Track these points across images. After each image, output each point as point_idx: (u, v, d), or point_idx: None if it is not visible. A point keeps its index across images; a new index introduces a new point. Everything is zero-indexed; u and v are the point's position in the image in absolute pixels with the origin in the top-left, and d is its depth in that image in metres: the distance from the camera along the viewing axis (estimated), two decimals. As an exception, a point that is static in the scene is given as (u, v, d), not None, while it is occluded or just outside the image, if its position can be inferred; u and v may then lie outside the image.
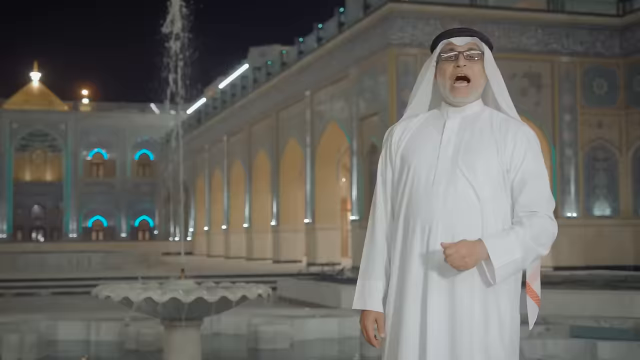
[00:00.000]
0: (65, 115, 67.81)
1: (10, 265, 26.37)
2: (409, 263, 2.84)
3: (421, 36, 23.58)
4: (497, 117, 2.96)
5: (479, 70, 2.94)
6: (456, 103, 2.96)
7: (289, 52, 33.08)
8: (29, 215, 68.83)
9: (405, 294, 2.84)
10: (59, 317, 10.43)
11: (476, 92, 2.96)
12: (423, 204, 2.84)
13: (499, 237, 2.73)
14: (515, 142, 2.88)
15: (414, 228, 2.85)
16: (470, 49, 2.93)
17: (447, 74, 2.93)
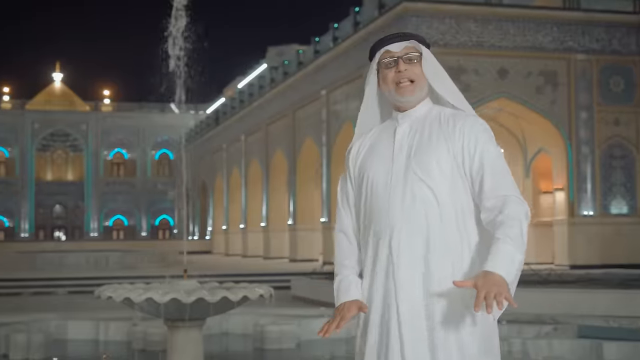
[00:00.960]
0: (86, 115, 68.29)
1: (29, 264, 26.61)
2: (377, 269, 2.85)
3: (436, 35, 23.55)
4: (445, 113, 2.95)
5: (420, 71, 2.95)
6: (404, 103, 2.96)
7: (306, 52, 33.12)
8: (51, 214, 69.38)
9: (372, 304, 2.85)
10: (70, 316, 10.51)
11: (421, 91, 2.96)
12: (382, 210, 2.85)
13: (496, 255, 2.67)
14: (463, 133, 2.87)
15: (378, 235, 2.86)
16: (408, 52, 2.94)
17: (389, 80, 2.95)
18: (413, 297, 2.77)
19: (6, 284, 21.08)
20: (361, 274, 2.97)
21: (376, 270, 2.86)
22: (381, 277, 2.84)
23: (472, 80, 23.75)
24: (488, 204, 2.80)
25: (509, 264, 2.65)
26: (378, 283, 2.84)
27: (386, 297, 2.81)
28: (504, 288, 2.55)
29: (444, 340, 2.73)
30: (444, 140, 2.87)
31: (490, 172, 2.82)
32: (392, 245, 2.81)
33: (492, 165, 2.83)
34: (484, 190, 2.81)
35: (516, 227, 2.72)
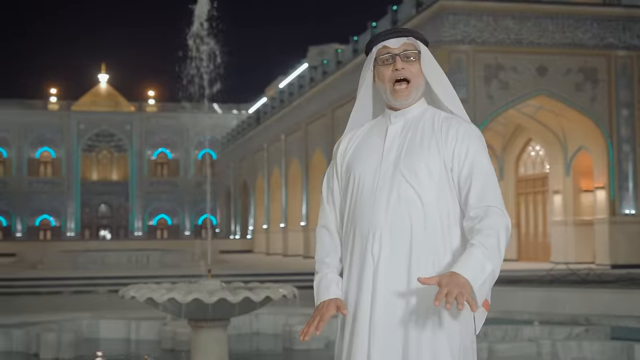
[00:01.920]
0: (130, 115, 69.04)
1: (72, 263, 26.97)
2: (358, 269, 2.82)
3: (473, 33, 23.38)
4: (439, 117, 2.90)
5: (418, 70, 2.89)
6: (398, 105, 2.91)
7: (345, 51, 33.11)
8: (96, 214, 70.27)
9: (355, 306, 2.81)
10: (102, 315, 10.64)
11: (417, 91, 2.90)
12: (367, 210, 2.80)
13: (467, 259, 2.62)
14: (456, 139, 2.82)
15: (361, 235, 2.81)
16: (406, 49, 2.89)
17: (386, 78, 2.89)
18: (390, 302, 2.73)
19: (48, 283, 21.41)
20: (342, 273, 2.93)
21: (357, 270, 2.82)
22: (362, 277, 2.80)
23: (510, 78, 23.54)
24: (472, 213, 2.75)
25: (478, 270, 2.59)
26: (359, 284, 2.80)
27: (363, 298, 2.77)
28: (466, 290, 2.50)
29: (417, 346, 2.69)
30: (435, 144, 2.82)
31: (478, 182, 2.77)
32: (374, 247, 2.76)
33: (481, 175, 2.78)
34: (470, 199, 2.76)
35: (493, 237, 2.66)
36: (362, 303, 2.77)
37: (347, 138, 3.04)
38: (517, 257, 28.45)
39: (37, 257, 28.71)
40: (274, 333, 10.24)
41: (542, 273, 16.35)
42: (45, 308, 15.32)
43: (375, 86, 3.00)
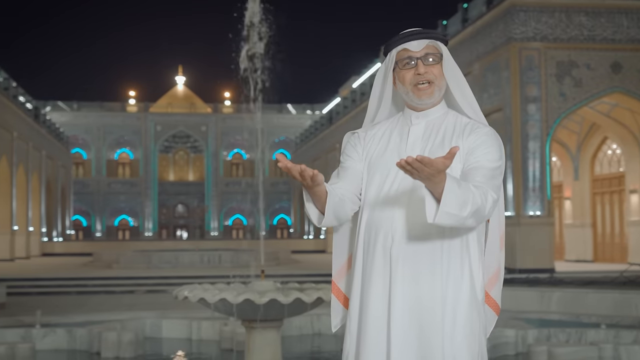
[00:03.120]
0: (205, 117, 69.90)
1: (146, 263, 27.44)
2: (371, 273, 2.76)
3: (545, 29, 22.97)
4: (461, 122, 2.85)
5: (439, 73, 2.83)
6: (421, 105, 2.85)
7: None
8: (173, 214, 71.35)
9: (366, 306, 2.76)
10: (165, 315, 10.78)
11: (439, 91, 2.85)
12: (387, 212, 2.75)
13: (458, 186, 2.51)
14: (471, 142, 2.78)
15: (377, 237, 2.76)
16: (428, 52, 2.82)
17: (407, 81, 2.83)
18: (409, 305, 2.68)
19: (122, 282, 21.80)
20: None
21: (371, 271, 2.76)
22: (375, 279, 2.75)
23: (583, 75, 23.03)
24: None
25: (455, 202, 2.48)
26: (373, 285, 2.75)
27: (375, 298, 2.73)
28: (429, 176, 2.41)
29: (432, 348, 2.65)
30: (460, 144, 2.78)
31: (480, 173, 2.71)
32: (392, 249, 2.72)
33: (485, 172, 2.71)
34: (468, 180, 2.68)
35: (480, 196, 2.57)
36: (374, 305, 2.72)
37: (365, 133, 2.98)
38: (593, 259, 27.84)
39: (112, 257, 29.27)
40: (336, 334, 10.18)
41: (616, 274, 15.98)
42: (117, 307, 15.61)
43: (394, 88, 2.93)
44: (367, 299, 2.75)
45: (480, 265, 2.77)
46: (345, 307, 2.95)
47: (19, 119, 39.68)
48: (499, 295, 2.89)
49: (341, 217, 2.82)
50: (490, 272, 2.85)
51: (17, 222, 38.47)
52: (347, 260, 2.98)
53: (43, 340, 9.12)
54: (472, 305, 2.71)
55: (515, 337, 8.83)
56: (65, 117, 66.67)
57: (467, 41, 26.19)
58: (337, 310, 2.98)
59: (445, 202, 2.48)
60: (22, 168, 40.59)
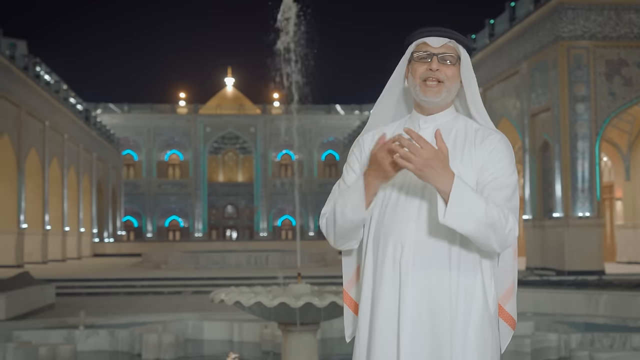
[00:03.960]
0: (254, 118, 70.22)
1: (194, 264, 27.63)
2: (381, 284, 2.68)
3: (593, 27, 22.62)
4: (472, 128, 2.78)
5: (453, 74, 2.75)
6: (426, 103, 2.78)
7: (463, 50, 32.65)
8: (223, 214, 71.79)
9: (376, 317, 2.69)
10: (207, 317, 10.82)
11: (448, 93, 2.77)
12: (396, 222, 2.68)
13: (470, 190, 2.51)
14: (490, 151, 2.70)
15: (385, 248, 2.68)
16: (445, 52, 2.75)
17: (417, 74, 2.76)
18: (420, 317, 2.61)
19: (170, 283, 21.99)
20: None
21: (380, 283, 2.69)
22: (383, 291, 2.68)
23: (634, 73, 22.64)
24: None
25: (473, 198, 2.48)
26: (383, 296, 2.67)
27: (384, 312, 2.66)
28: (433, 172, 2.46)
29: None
30: (468, 154, 2.71)
31: (496, 193, 2.64)
32: (402, 260, 2.64)
33: (500, 189, 2.65)
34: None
35: (497, 212, 2.53)
36: (383, 316, 2.65)
37: (371, 136, 2.89)
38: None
39: (161, 258, 29.55)
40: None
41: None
42: (163, 308, 15.76)
43: (405, 82, 2.87)
44: (377, 310, 2.68)
45: (492, 278, 2.70)
46: (357, 316, 2.88)
47: (69, 121, 40.29)
48: (514, 309, 2.81)
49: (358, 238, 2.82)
50: (505, 285, 2.79)
51: (68, 223, 39.09)
52: (356, 269, 2.92)
53: (86, 341, 9.23)
54: (485, 318, 2.64)
55: (557, 342, 8.70)
56: (117, 119, 67.56)
57: (514, 40, 25.93)
58: (350, 319, 2.92)
59: (453, 199, 2.46)
60: (73, 170, 41.22)
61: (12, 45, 30.49)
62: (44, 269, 28.53)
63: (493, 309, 2.68)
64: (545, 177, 24.16)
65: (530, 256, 24.89)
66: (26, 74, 31.93)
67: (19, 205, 30.84)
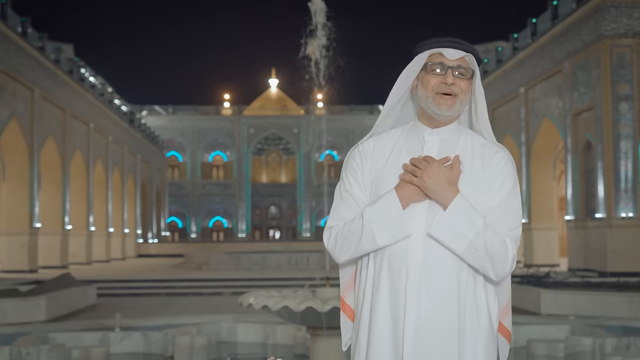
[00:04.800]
0: (297, 119, 70.40)
1: (235, 265, 27.76)
2: (383, 300, 2.61)
3: (637, 25, 22.28)
4: (478, 143, 2.71)
5: (466, 87, 2.67)
6: (438, 117, 2.70)
7: (505, 49, 32.38)
8: (266, 215, 72.07)
9: (373, 338, 2.63)
10: (241, 319, 10.84)
11: (460, 107, 2.69)
12: (400, 243, 2.59)
13: (470, 207, 2.52)
14: (491, 170, 2.64)
15: (391, 264, 2.61)
16: (460, 65, 2.68)
17: (430, 86, 2.68)
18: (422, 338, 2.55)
19: (210, 284, 22.10)
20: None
21: (383, 299, 2.61)
22: (388, 301, 2.60)
23: (679, 72, 22.26)
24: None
25: (469, 216, 2.49)
26: (383, 314, 2.60)
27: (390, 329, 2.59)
28: (436, 185, 2.52)
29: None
30: (474, 172, 2.64)
31: (500, 217, 2.58)
32: (408, 285, 2.56)
33: (505, 213, 2.59)
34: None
35: (498, 241, 2.52)
36: (383, 332, 2.59)
37: (371, 146, 2.81)
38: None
39: (203, 259, 29.72)
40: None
41: None
42: (203, 309, 15.85)
43: (413, 91, 2.80)
44: (376, 325, 2.62)
45: (495, 296, 2.67)
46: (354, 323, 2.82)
47: (114, 123, 40.76)
48: (510, 323, 2.78)
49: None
50: (502, 301, 2.75)
51: (112, 224, 39.55)
52: (353, 275, 2.84)
53: (120, 343, 9.30)
54: (490, 338, 2.62)
55: (592, 346, 8.57)
56: (162, 121, 68.23)
57: (556, 39, 25.64)
58: (347, 327, 2.84)
59: (449, 213, 2.48)
60: (118, 171, 41.69)
61: (57, 49, 30.94)
62: (88, 270, 28.91)
63: (495, 326, 2.66)
64: (588, 178, 23.85)
65: (572, 257, 24.59)
66: (71, 77, 32.37)
67: (64, 206, 31.28)
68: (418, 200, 2.58)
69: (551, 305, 13.64)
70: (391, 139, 2.80)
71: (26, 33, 26.66)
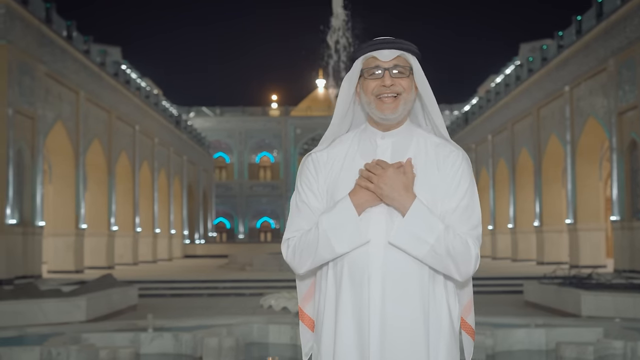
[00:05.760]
0: (343, 119, 70.34)
1: (278, 266, 27.76)
2: (346, 304, 2.58)
3: (683, 22, 21.85)
4: (431, 143, 2.69)
5: (407, 85, 2.65)
6: (383, 120, 2.67)
7: (550, 47, 31.99)
8: (313, 217, 72.16)
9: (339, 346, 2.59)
10: (272, 320, 10.86)
11: (405, 106, 2.66)
12: (358, 249, 2.57)
13: (428, 211, 2.51)
14: (447, 171, 2.63)
15: (352, 270, 2.58)
16: (397, 64, 2.65)
17: (370, 91, 2.66)
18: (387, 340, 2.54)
19: (252, 285, 22.19)
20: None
21: (346, 303, 2.58)
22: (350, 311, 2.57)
23: None
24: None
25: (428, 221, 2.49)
26: (347, 318, 2.58)
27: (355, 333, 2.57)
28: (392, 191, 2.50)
29: None
30: (429, 174, 2.62)
31: (460, 217, 2.59)
32: (371, 292, 2.54)
33: (464, 212, 2.60)
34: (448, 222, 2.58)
35: (458, 245, 2.51)
36: (348, 336, 2.57)
37: (324, 155, 2.76)
38: None
39: (246, 260, 29.85)
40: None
41: None
42: (243, 310, 15.94)
43: (357, 98, 2.78)
44: (341, 334, 2.59)
45: (455, 295, 2.66)
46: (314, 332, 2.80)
47: (159, 125, 41.16)
48: (473, 320, 2.76)
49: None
50: (465, 299, 2.73)
51: (158, 225, 39.94)
52: (312, 285, 2.81)
53: (151, 344, 9.38)
54: (452, 337, 2.60)
55: (623, 349, 8.41)
56: (209, 122, 68.74)
57: (601, 37, 25.26)
58: (307, 337, 2.82)
59: (407, 220, 2.47)
60: (164, 173, 42.08)
61: (102, 52, 31.35)
62: (134, 270, 29.25)
63: (457, 327, 2.65)
64: (634, 177, 23.43)
65: (618, 258, 24.19)
66: (116, 80, 32.78)
67: (110, 208, 31.69)
68: (373, 205, 2.56)
69: (592, 307, 13.46)
70: (344, 145, 2.77)
71: (71, 37, 27.06)
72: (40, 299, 13.66)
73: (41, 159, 24.18)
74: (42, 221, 24.23)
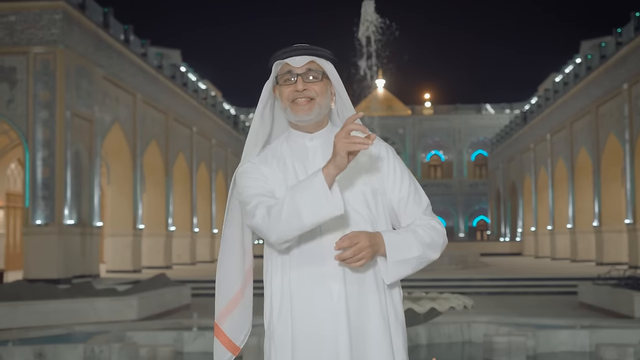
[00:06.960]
0: (402, 119, 70.21)
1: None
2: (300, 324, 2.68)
3: None
4: None
5: (321, 89, 2.73)
6: (300, 122, 2.76)
7: (608, 44, 31.46)
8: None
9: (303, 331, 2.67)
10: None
11: (320, 109, 2.74)
12: (313, 243, 2.67)
13: (396, 234, 2.64)
14: (381, 163, 2.75)
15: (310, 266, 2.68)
16: (309, 69, 2.73)
17: (285, 97, 2.74)
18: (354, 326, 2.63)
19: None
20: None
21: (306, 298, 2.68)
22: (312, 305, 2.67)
23: None
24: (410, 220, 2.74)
25: (400, 249, 2.59)
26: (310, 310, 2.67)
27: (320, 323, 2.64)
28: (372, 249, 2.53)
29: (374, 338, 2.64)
30: (360, 170, 2.73)
31: (413, 206, 2.75)
32: (333, 296, 2.64)
33: (415, 199, 2.76)
34: (410, 218, 2.75)
35: (431, 232, 2.68)
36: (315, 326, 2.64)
37: (257, 159, 2.82)
38: None
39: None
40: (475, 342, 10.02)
41: None
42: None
43: (275, 104, 2.87)
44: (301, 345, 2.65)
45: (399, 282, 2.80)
46: (232, 353, 2.87)
47: (217, 126, 41.55)
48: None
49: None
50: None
51: (216, 225, 40.33)
52: (233, 299, 2.89)
53: (193, 342, 9.51)
54: (402, 325, 2.78)
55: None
56: (268, 124, 69.11)
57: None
58: (220, 354, 2.90)
59: (390, 255, 2.60)
60: (221, 174, 42.47)
61: (159, 55, 31.81)
62: (192, 270, 29.61)
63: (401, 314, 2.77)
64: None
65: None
66: (173, 82, 33.22)
67: (167, 208, 32.13)
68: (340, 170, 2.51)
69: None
70: (269, 153, 2.84)
71: (128, 40, 27.52)
72: (94, 298, 13.92)
73: (98, 161, 24.65)
74: (100, 222, 24.70)
